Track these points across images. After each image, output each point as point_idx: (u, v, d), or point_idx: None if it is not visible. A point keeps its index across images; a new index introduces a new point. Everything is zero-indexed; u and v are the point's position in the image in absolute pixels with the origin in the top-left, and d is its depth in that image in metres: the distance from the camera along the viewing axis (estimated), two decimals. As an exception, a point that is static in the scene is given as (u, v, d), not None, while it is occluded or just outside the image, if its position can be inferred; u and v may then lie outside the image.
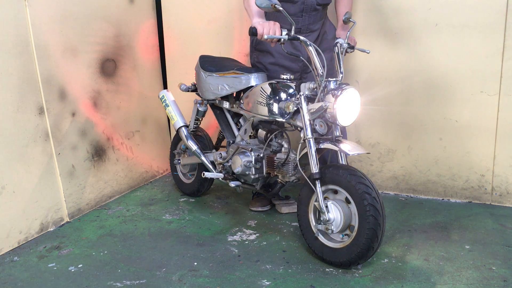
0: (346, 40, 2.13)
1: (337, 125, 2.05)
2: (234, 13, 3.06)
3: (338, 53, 2.09)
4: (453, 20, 2.54)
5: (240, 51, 3.11)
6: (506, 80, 2.50)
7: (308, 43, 2.06)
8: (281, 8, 1.97)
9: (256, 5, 1.97)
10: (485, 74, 2.54)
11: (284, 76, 2.19)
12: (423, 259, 2.09)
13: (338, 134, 2.08)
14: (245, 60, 3.10)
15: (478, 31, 2.50)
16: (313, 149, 2.02)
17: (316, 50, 2.06)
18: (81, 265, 2.14)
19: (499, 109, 2.55)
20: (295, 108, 2.09)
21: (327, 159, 2.40)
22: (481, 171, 2.66)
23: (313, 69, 2.08)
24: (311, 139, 2.02)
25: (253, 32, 2.07)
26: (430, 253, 2.14)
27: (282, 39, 2.03)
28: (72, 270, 2.10)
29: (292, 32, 2.05)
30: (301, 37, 2.06)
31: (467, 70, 2.57)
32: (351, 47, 2.17)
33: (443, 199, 2.78)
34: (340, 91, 1.96)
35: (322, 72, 2.03)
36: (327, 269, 2.03)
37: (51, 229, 2.53)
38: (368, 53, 2.25)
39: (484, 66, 2.53)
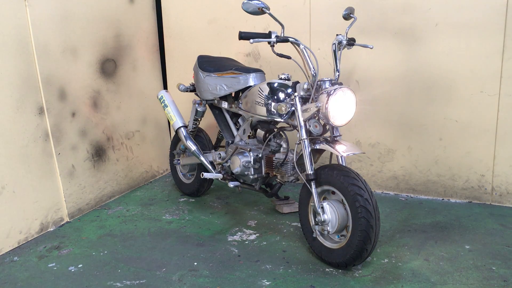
0: (346, 37, 2.12)
1: (331, 125, 2.05)
2: (234, 13, 3.06)
3: (335, 51, 2.08)
4: (453, 20, 2.54)
5: (240, 51, 3.11)
6: (506, 80, 2.50)
7: (299, 43, 2.05)
8: (268, 11, 1.97)
9: (243, 9, 1.97)
10: (485, 74, 2.53)
11: (282, 76, 2.19)
12: (423, 259, 2.09)
13: (337, 134, 2.07)
14: (244, 60, 3.10)
15: (478, 31, 2.50)
16: (308, 150, 2.01)
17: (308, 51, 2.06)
18: (81, 265, 2.14)
19: (499, 109, 2.55)
20: (289, 110, 2.09)
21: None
22: (481, 171, 2.66)
23: (304, 71, 2.07)
24: (305, 140, 2.02)
25: (241, 36, 2.07)
26: (430, 253, 2.14)
27: (272, 42, 2.04)
28: (72, 270, 2.10)
29: (282, 34, 2.05)
30: (291, 39, 2.05)
31: (467, 70, 2.57)
32: (350, 44, 2.14)
33: (443, 199, 2.78)
34: (332, 91, 1.95)
35: (314, 73, 2.03)
36: (327, 269, 2.03)
37: (51, 229, 2.53)
38: (371, 48, 2.25)
39: (484, 66, 2.53)
